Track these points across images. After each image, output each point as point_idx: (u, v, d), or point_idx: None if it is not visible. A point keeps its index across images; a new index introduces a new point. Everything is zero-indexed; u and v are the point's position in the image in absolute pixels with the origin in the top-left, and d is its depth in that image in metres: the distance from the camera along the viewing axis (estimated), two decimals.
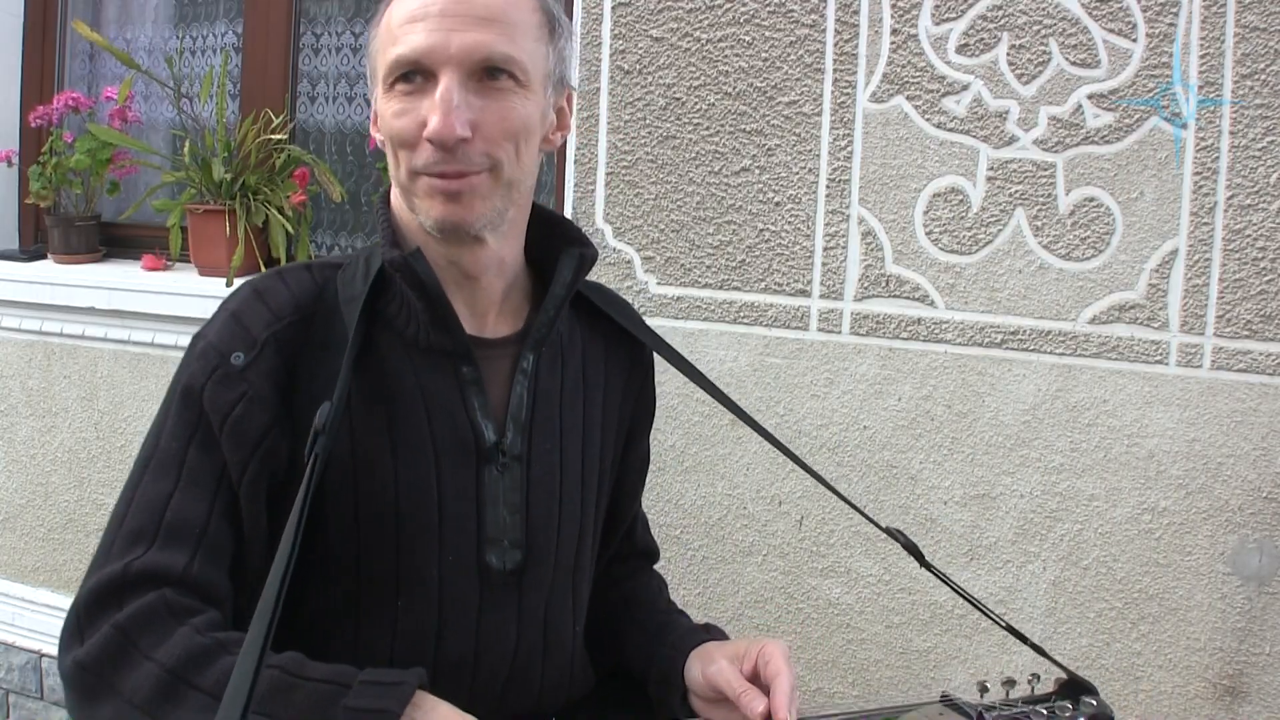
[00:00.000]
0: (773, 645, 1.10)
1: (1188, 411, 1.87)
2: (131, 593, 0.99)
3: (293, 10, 2.74)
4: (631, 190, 2.17)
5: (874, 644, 2.09)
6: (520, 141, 1.07)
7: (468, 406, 1.10)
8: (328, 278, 1.13)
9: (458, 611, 1.11)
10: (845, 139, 2.03)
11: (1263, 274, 1.83)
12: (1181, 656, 1.91)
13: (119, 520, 1.04)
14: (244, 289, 1.12)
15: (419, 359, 1.10)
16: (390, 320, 1.10)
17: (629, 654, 1.27)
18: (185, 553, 1.01)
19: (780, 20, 2.05)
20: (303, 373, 1.07)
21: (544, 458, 1.15)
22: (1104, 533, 1.94)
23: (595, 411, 1.22)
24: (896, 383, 2.03)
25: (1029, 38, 1.91)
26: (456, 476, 1.10)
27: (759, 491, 2.13)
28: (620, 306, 1.28)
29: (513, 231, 1.14)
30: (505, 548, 1.12)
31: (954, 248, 1.99)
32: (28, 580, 2.84)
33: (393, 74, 1.06)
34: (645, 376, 1.31)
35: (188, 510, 1.03)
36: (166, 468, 1.04)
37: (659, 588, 1.38)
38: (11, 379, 2.79)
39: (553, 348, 1.18)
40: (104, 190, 2.80)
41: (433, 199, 1.06)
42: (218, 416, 1.04)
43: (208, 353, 1.06)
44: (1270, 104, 1.80)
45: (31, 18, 2.95)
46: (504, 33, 1.04)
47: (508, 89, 1.05)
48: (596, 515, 1.24)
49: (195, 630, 0.98)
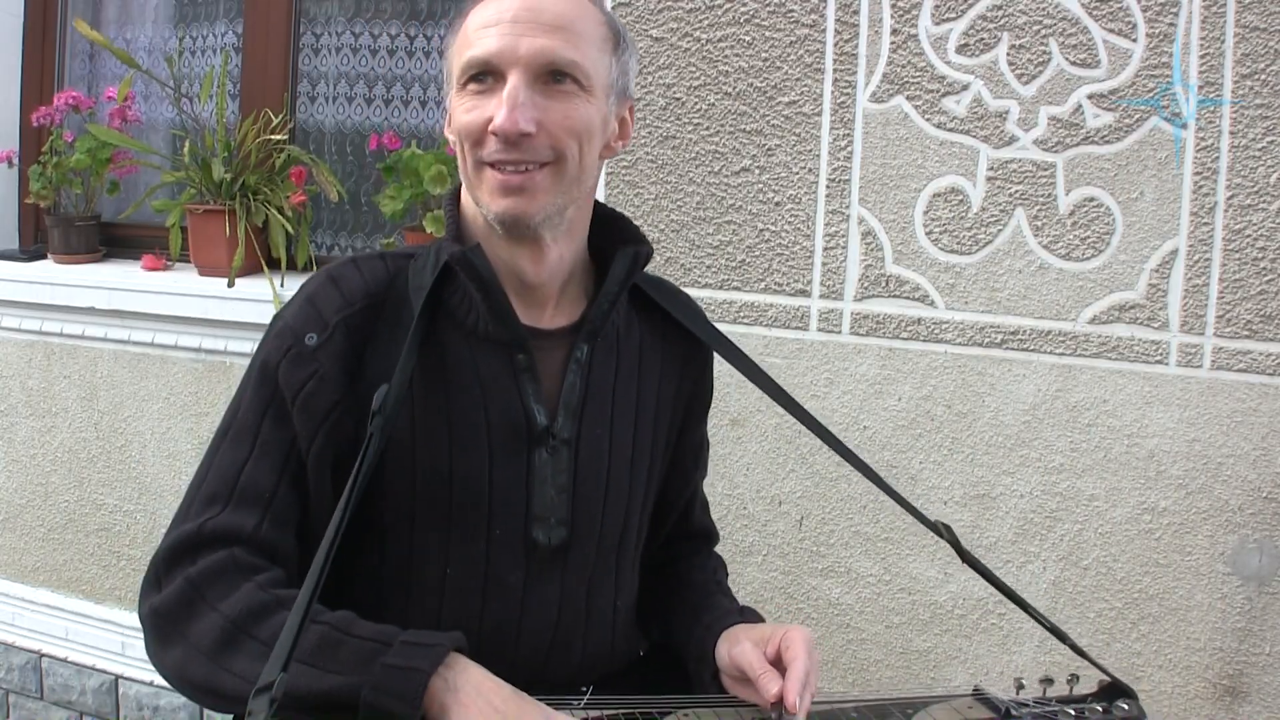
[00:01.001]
0: (796, 631, 1.15)
1: (1188, 411, 1.87)
2: (205, 550, 1.09)
3: (293, 10, 2.74)
4: (631, 190, 2.17)
5: (874, 644, 2.09)
6: (583, 141, 1.13)
7: (521, 392, 1.17)
8: (400, 267, 1.20)
9: (503, 584, 1.17)
10: (845, 139, 2.03)
11: (1263, 274, 1.83)
12: (1181, 656, 1.91)
13: (198, 482, 1.14)
14: (321, 274, 1.19)
15: (478, 347, 1.17)
16: (453, 310, 1.17)
17: (674, 630, 1.33)
18: (255, 515, 1.11)
19: (780, 20, 2.05)
20: (370, 356, 1.15)
21: (593, 442, 1.21)
22: (1104, 533, 1.94)
23: (649, 399, 1.28)
24: (896, 383, 2.03)
25: (1029, 38, 1.91)
26: (508, 457, 1.17)
27: (759, 491, 2.13)
28: (680, 302, 1.33)
29: (572, 231, 1.19)
30: (552, 525, 1.19)
31: (954, 248, 1.99)
32: (28, 580, 2.84)
33: (465, 74, 1.12)
34: (703, 367, 1.36)
35: (259, 477, 1.12)
36: (242, 437, 1.14)
37: (714, 569, 1.43)
38: (11, 379, 2.79)
39: (607, 339, 1.24)
40: (104, 190, 2.80)
41: (495, 191, 1.11)
42: (290, 392, 1.12)
43: (284, 333, 1.15)
44: (1270, 104, 1.80)
45: (31, 18, 2.96)
46: (570, 40, 1.11)
47: (571, 92, 1.11)
48: (645, 498, 1.30)
49: (259, 586, 1.07)
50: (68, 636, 2.79)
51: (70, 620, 2.79)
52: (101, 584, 2.76)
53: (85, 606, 2.78)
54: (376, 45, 2.72)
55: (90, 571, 2.77)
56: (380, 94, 2.72)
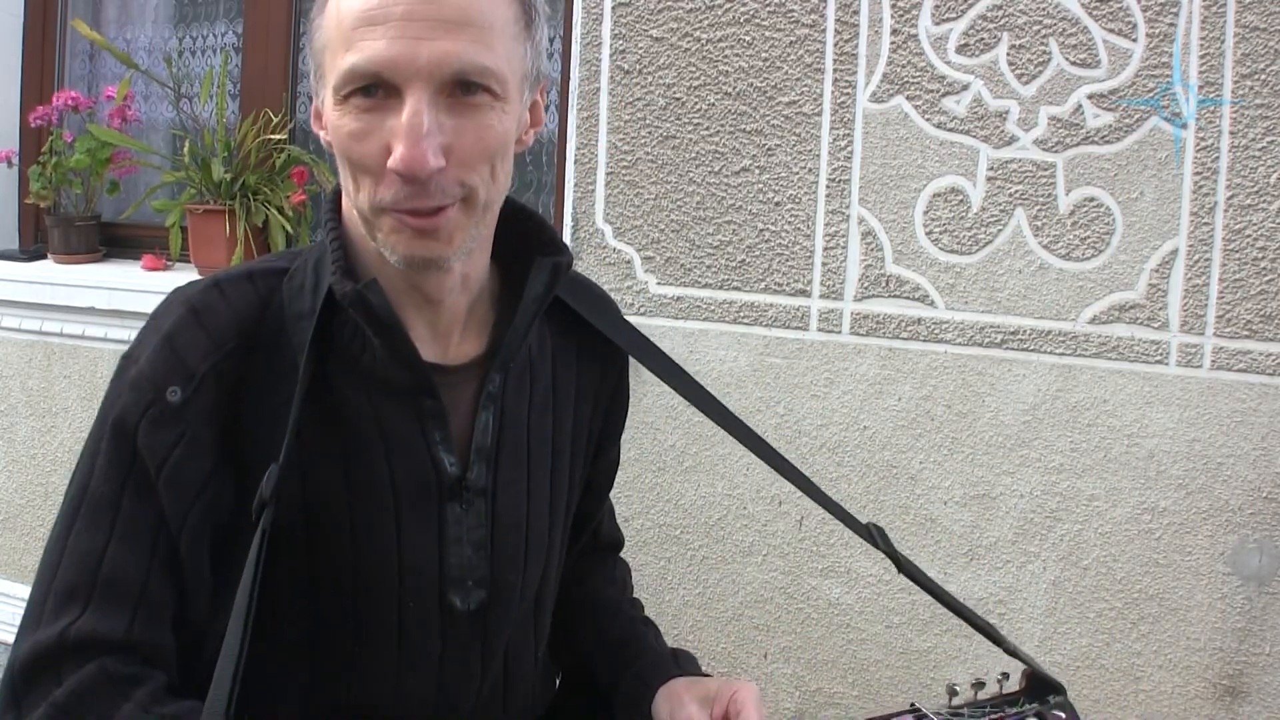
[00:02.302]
0: (745, 691, 1.05)
1: (1188, 411, 1.87)
2: (69, 664, 0.91)
3: (293, 10, 2.74)
4: (631, 190, 2.17)
5: (874, 644, 2.09)
6: (497, 161, 0.94)
7: (429, 441, 1.01)
8: (272, 288, 1.00)
9: (419, 654, 1.04)
10: (845, 139, 2.03)
11: (1263, 274, 1.83)
12: (1181, 656, 1.91)
13: (51, 570, 0.95)
14: (177, 305, 0.98)
15: (375, 392, 0.99)
16: (343, 348, 0.99)
17: (594, 668, 1.23)
18: (125, 614, 0.93)
19: (780, 20, 2.05)
20: (247, 406, 0.96)
21: (510, 487, 1.07)
22: (1104, 533, 1.94)
23: (565, 427, 1.13)
24: (896, 383, 2.03)
25: (1029, 38, 1.91)
26: (417, 517, 1.02)
27: (759, 491, 2.13)
28: (595, 304, 1.17)
29: (480, 247, 1.02)
30: (469, 587, 1.05)
31: (954, 248, 1.99)
32: (28, 580, 2.82)
33: (347, 86, 0.90)
34: (619, 379, 1.22)
35: (125, 566, 0.93)
36: (99, 515, 0.94)
37: (623, 580, 1.33)
38: (11, 379, 2.79)
39: (521, 362, 1.08)
40: (104, 190, 2.80)
41: (400, 235, 0.93)
42: (154, 460, 0.93)
43: (140, 384, 0.94)
44: (1270, 104, 1.80)
45: (31, 18, 2.95)
46: (479, 38, 0.90)
47: (484, 105, 0.91)
48: (564, 538, 1.18)
49: (140, 706, 0.90)
50: None
51: None
52: None
53: None
54: None
55: None
56: None
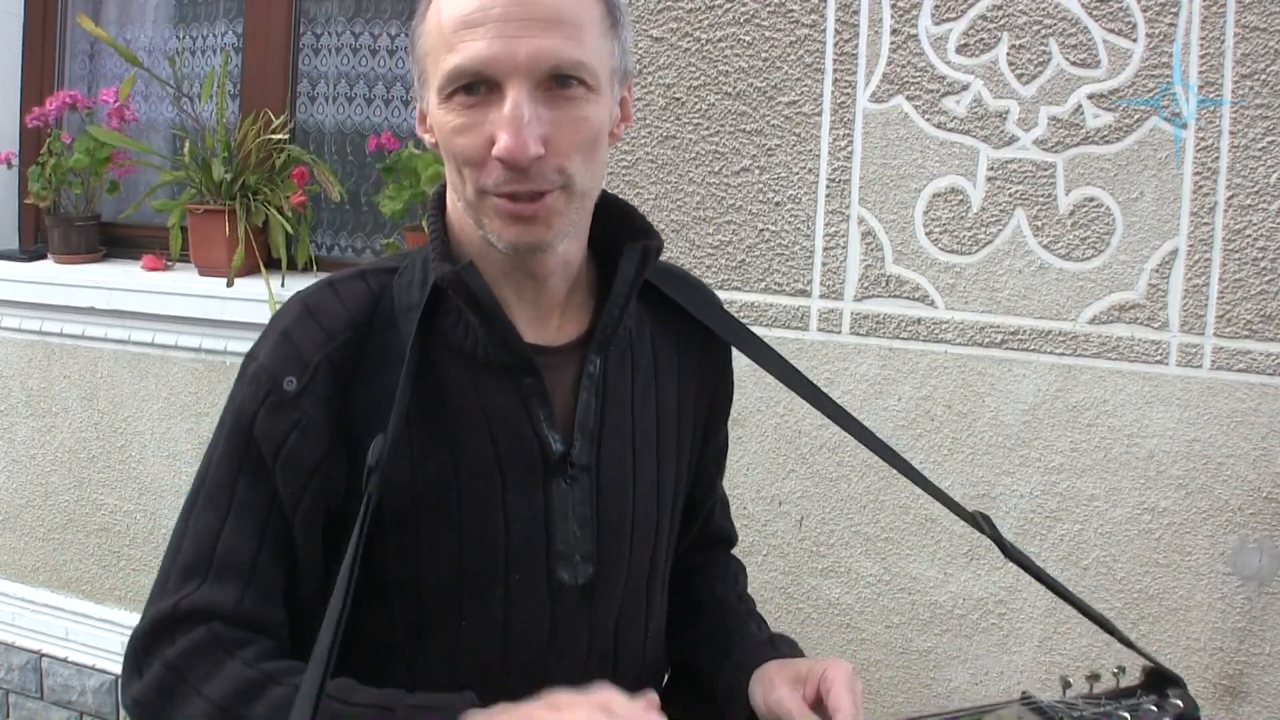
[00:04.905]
0: (835, 669, 1.05)
1: (1188, 411, 1.87)
2: (182, 629, 0.99)
3: (293, 10, 2.75)
4: (631, 190, 2.16)
5: (874, 644, 2.09)
6: (592, 150, 1.00)
7: (532, 419, 1.05)
8: (384, 285, 1.07)
9: (526, 630, 1.07)
10: (845, 139, 2.03)
11: (1263, 274, 1.82)
12: (1181, 656, 1.91)
13: (174, 552, 1.04)
14: (295, 304, 1.06)
15: (479, 374, 1.05)
16: (447, 334, 1.05)
17: (699, 659, 1.25)
18: (236, 589, 1.00)
19: (780, 20, 2.05)
20: (358, 394, 1.03)
21: (615, 465, 1.10)
22: (1104, 533, 1.94)
23: (669, 409, 1.17)
24: (896, 383, 2.03)
25: (1029, 38, 1.91)
26: (523, 493, 1.05)
27: (759, 491, 2.13)
28: (692, 292, 1.21)
29: (578, 233, 1.08)
30: (576, 562, 1.08)
31: (954, 248, 1.99)
32: (28, 580, 2.84)
33: (451, 85, 0.97)
34: (723, 362, 1.25)
35: (238, 545, 1.01)
36: (216, 499, 1.03)
37: (734, 578, 1.34)
38: (11, 379, 2.79)
39: (620, 346, 1.12)
40: (104, 190, 2.80)
41: (505, 220, 0.99)
42: (270, 446, 1.01)
43: (259, 376, 1.02)
44: (1270, 104, 1.80)
45: (31, 18, 2.96)
46: (571, 35, 0.96)
47: (579, 97, 0.98)
48: (673, 517, 1.20)
49: (244, 663, 0.97)
50: (68, 636, 2.79)
51: (70, 620, 2.79)
52: (101, 584, 2.76)
53: (85, 606, 2.78)
54: (376, 45, 2.72)
55: (90, 571, 2.77)
56: (380, 94, 2.72)
